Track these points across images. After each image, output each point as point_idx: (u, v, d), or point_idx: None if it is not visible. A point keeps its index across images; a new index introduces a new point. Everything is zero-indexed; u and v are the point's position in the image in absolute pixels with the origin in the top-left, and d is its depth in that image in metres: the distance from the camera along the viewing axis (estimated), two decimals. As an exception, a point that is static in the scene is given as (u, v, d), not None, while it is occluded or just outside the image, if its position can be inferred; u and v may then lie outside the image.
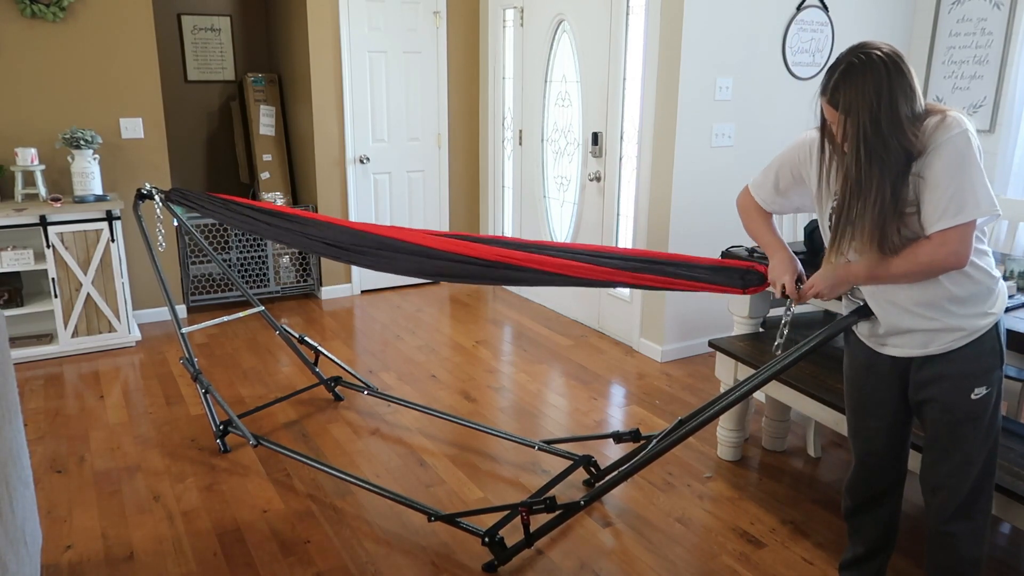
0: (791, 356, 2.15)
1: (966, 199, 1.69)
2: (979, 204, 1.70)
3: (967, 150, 1.68)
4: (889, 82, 1.67)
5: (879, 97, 1.67)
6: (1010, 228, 3.22)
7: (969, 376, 1.84)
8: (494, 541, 2.39)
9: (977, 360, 1.84)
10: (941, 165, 1.69)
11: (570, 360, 4.20)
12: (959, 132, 1.68)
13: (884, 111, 1.68)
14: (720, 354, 3.01)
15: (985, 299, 1.82)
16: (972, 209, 1.70)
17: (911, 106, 1.70)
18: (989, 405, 1.85)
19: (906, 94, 1.69)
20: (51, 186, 4.29)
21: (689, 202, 3.99)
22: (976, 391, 1.84)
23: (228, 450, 3.12)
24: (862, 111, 1.69)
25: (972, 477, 1.88)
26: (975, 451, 1.87)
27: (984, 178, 1.70)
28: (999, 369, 1.86)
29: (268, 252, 5.17)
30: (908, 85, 1.70)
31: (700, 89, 3.85)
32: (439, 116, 5.50)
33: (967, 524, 1.92)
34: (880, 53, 1.70)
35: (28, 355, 4.10)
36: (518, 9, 5.03)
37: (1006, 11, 3.96)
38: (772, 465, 3.08)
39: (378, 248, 2.54)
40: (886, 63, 1.68)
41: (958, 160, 1.68)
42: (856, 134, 1.70)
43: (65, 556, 2.46)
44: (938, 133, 1.69)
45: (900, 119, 1.68)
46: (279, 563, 2.42)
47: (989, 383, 1.84)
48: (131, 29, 4.35)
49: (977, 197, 1.69)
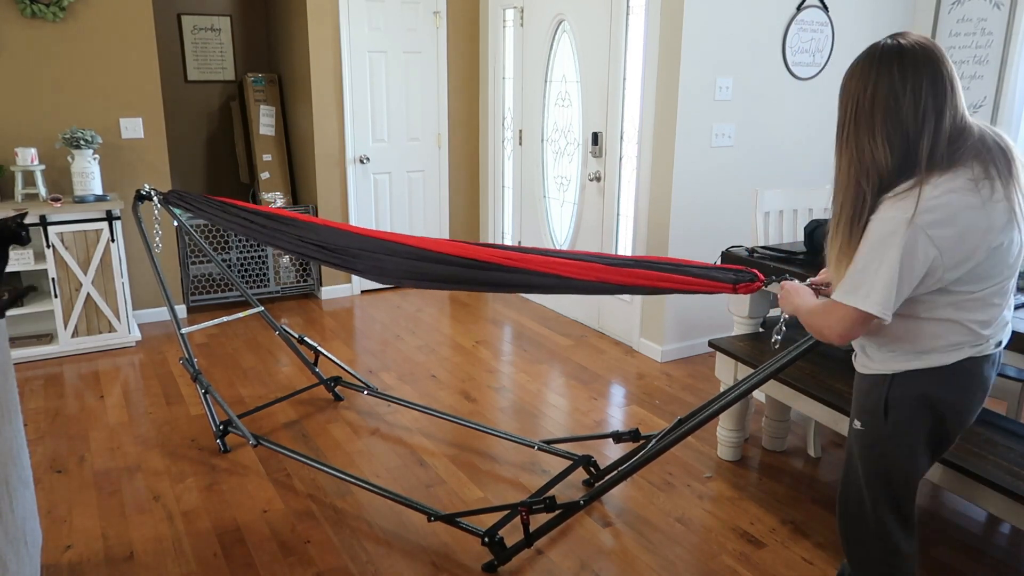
0: (788, 355, 2.15)
1: (865, 284, 1.56)
2: (870, 298, 1.55)
3: (893, 238, 1.50)
4: (878, 76, 1.54)
5: (863, 90, 1.56)
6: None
7: (857, 403, 1.80)
8: (494, 541, 2.39)
9: (864, 394, 1.76)
10: (869, 233, 1.56)
11: (570, 360, 4.20)
12: (902, 218, 1.50)
13: (863, 107, 1.55)
14: (720, 354, 3.01)
15: (887, 349, 1.69)
16: (864, 299, 1.56)
17: (897, 115, 1.52)
18: (863, 444, 1.77)
19: (895, 98, 1.52)
20: (51, 186, 4.29)
21: (689, 202, 3.99)
22: (855, 422, 1.79)
23: (228, 450, 3.12)
24: (847, 101, 1.60)
25: (843, 502, 1.86)
26: (847, 478, 1.84)
27: (893, 279, 1.52)
28: (881, 421, 1.71)
29: (268, 252, 5.17)
30: (903, 87, 1.51)
31: (700, 89, 3.85)
32: (439, 116, 5.50)
33: (849, 548, 1.89)
34: (895, 43, 1.54)
35: (28, 355, 4.10)
36: (518, 9, 5.03)
37: (1006, 11, 3.96)
38: (772, 465, 3.08)
39: (372, 251, 2.51)
40: (889, 54, 1.53)
41: (882, 241, 1.53)
42: (839, 126, 1.62)
43: (65, 556, 2.46)
44: (894, 199, 1.53)
45: (875, 124, 1.54)
46: (279, 563, 2.42)
47: (864, 423, 1.76)
48: (131, 29, 4.35)
49: (876, 291, 1.54)
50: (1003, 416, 2.38)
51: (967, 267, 1.55)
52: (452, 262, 2.38)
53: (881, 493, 1.77)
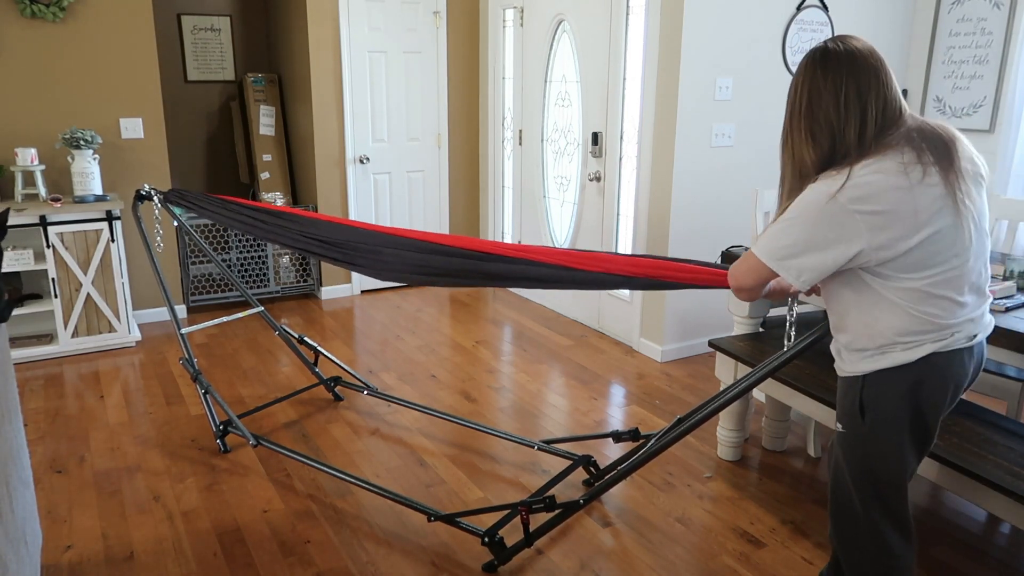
0: (785, 354, 2.15)
1: (767, 235, 1.69)
2: (762, 247, 1.68)
3: (813, 207, 1.60)
4: (806, 81, 1.66)
5: (796, 93, 1.68)
6: (1010, 228, 3.22)
7: (838, 406, 1.83)
8: (494, 541, 2.39)
9: (841, 397, 1.81)
10: (794, 203, 1.65)
11: (570, 360, 4.20)
12: (825, 191, 1.58)
13: (795, 110, 1.67)
14: (720, 354, 3.01)
15: (855, 351, 1.73)
16: (759, 247, 1.69)
17: (822, 117, 1.63)
18: (845, 446, 1.80)
19: (816, 98, 1.63)
20: (51, 186, 4.29)
21: (689, 202, 3.99)
22: (837, 424, 1.83)
23: (228, 450, 3.12)
24: (787, 104, 1.72)
25: (834, 502, 1.88)
26: (835, 480, 1.86)
27: (797, 239, 1.62)
28: (859, 423, 1.74)
29: (268, 252, 5.17)
30: (824, 91, 1.62)
31: (700, 89, 3.85)
32: (439, 116, 5.50)
33: (843, 551, 1.90)
34: (823, 47, 1.66)
35: (28, 355, 4.10)
36: (518, 9, 5.03)
37: (1006, 11, 3.96)
38: (772, 465, 3.08)
39: (373, 245, 2.51)
40: (814, 61, 1.65)
41: (801, 207, 1.63)
42: (783, 127, 1.73)
43: (65, 556, 2.46)
44: (822, 178, 1.62)
45: (803, 126, 1.65)
46: (279, 563, 2.42)
47: (845, 425, 1.79)
48: (131, 29, 4.35)
49: (772, 242, 1.66)
50: (1003, 416, 2.37)
51: (898, 249, 1.58)
52: (454, 253, 2.38)
53: (870, 493, 1.78)
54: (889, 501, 1.78)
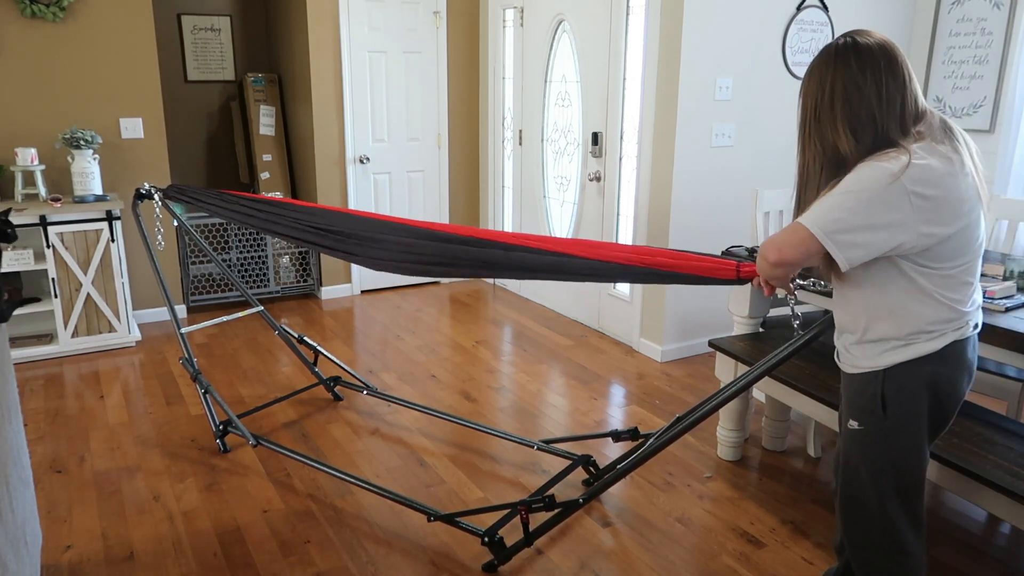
0: (783, 352, 2.15)
1: (818, 207, 1.61)
2: (815, 219, 1.59)
3: (875, 185, 1.54)
4: (835, 74, 1.62)
5: (822, 87, 1.64)
6: (1010, 228, 3.22)
7: (848, 404, 1.81)
8: (493, 540, 2.39)
9: (855, 394, 1.77)
10: (848, 176, 1.60)
11: (570, 360, 4.20)
12: (888, 170, 1.54)
13: (823, 103, 1.63)
14: (720, 354, 3.01)
15: (875, 344, 1.71)
16: (809, 216, 1.60)
17: (855, 109, 1.60)
18: (864, 443, 1.77)
19: (853, 93, 1.60)
20: (51, 186, 4.29)
21: (689, 202, 3.99)
22: (850, 423, 1.79)
23: (228, 450, 3.12)
24: (809, 98, 1.67)
25: (851, 501, 1.86)
26: (851, 478, 1.84)
27: (851, 212, 1.56)
28: (880, 418, 1.73)
29: (268, 252, 5.17)
30: (860, 83, 1.59)
31: (700, 89, 3.85)
32: (439, 116, 5.50)
33: (856, 552, 1.89)
34: (848, 41, 1.63)
35: (28, 355, 4.10)
36: (518, 9, 5.03)
37: (1006, 11, 3.96)
38: (772, 465, 3.08)
39: (370, 232, 2.51)
40: (845, 52, 1.61)
41: (859, 181, 1.57)
42: (801, 121, 1.69)
43: (65, 556, 2.46)
44: (879, 156, 1.58)
45: (837, 117, 1.61)
46: (279, 563, 2.42)
47: (862, 422, 1.76)
48: (131, 29, 4.35)
49: (824, 213, 1.58)
50: (1003, 416, 2.37)
51: (940, 236, 1.58)
52: (451, 239, 2.37)
53: (890, 490, 1.78)
54: (909, 496, 1.78)
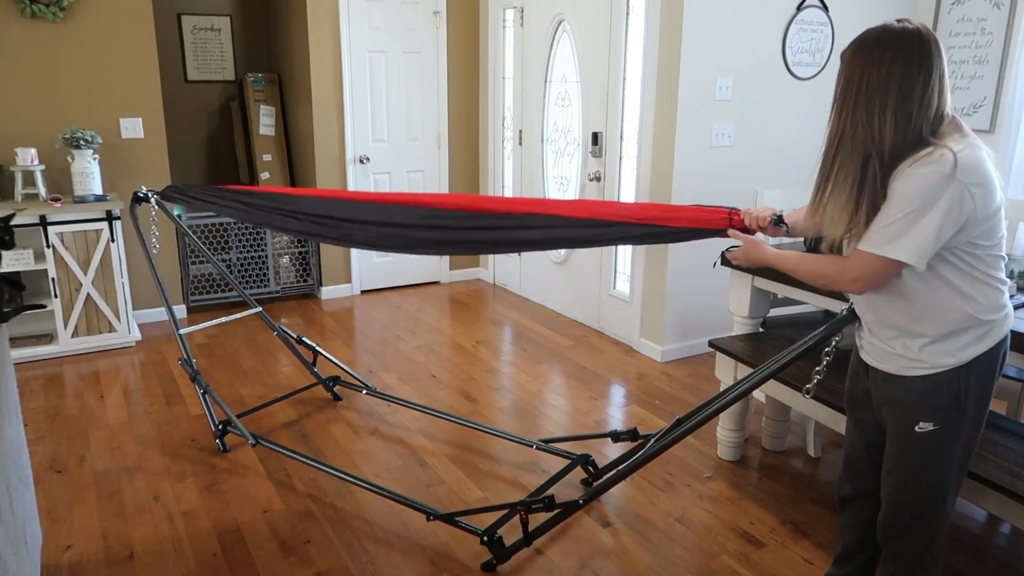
0: (787, 356, 2.15)
1: (902, 235, 1.62)
2: (906, 248, 1.61)
3: (938, 192, 1.57)
4: (894, 58, 1.60)
5: (878, 66, 1.62)
6: (1010, 228, 3.22)
7: (916, 407, 1.78)
8: (493, 540, 2.39)
9: (928, 395, 1.76)
10: (905, 190, 1.60)
11: (570, 360, 4.20)
12: (943, 173, 1.57)
13: (878, 83, 1.61)
14: (720, 354, 3.01)
15: (956, 338, 1.72)
16: (899, 249, 1.62)
17: (907, 96, 1.60)
18: (939, 444, 1.77)
19: (908, 80, 1.60)
20: (51, 186, 4.29)
21: (689, 202, 3.99)
22: (921, 425, 1.77)
23: (227, 450, 3.12)
24: (857, 73, 1.65)
25: (907, 506, 1.85)
26: (912, 482, 1.83)
27: (935, 229, 1.59)
28: (959, 414, 1.74)
29: (268, 252, 5.17)
30: (915, 72, 1.60)
31: (700, 89, 3.85)
32: (439, 116, 5.50)
33: (903, 548, 1.90)
34: (908, 27, 1.62)
35: (28, 355, 4.10)
36: (518, 9, 5.03)
37: (1006, 11, 3.96)
38: (772, 465, 3.08)
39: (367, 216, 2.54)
40: (905, 38, 1.61)
41: (924, 196, 1.58)
42: (844, 94, 1.68)
43: (65, 556, 2.46)
44: (923, 160, 1.59)
45: (887, 101, 1.61)
46: (279, 563, 2.42)
47: (939, 422, 1.75)
48: (131, 29, 4.35)
49: (913, 241, 1.61)
50: (1003, 416, 2.38)
51: (993, 221, 1.65)
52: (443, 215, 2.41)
53: (956, 484, 1.82)
54: (960, 484, 1.84)
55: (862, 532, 2.09)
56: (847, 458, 2.09)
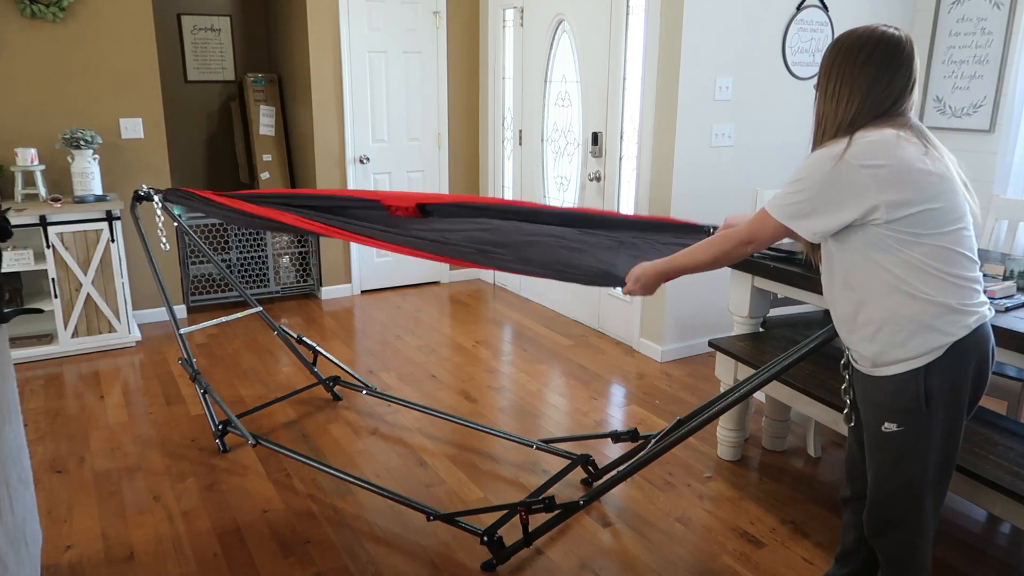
0: (789, 359, 2.15)
1: (781, 195, 1.77)
2: (775, 203, 1.77)
3: (821, 167, 1.69)
4: (843, 55, 1.73)
5: (856, 56, 1.72)
6: (1010, 228, 3.22)
7: (882, 407, 1.78)
8: (493, 540, 2.39)
9: (891, 396, 1.75)
10: (802, 165, 1.74)
11: (570, 360, 4.20)
12: (828, 152, 1.69)
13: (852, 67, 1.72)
14: (720, 354, 3.01)
15: (906, 335, 1.70)
16: (771, 203, 1.79)
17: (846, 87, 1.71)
18: (905, 445, 1.76)
19: (848, 73, 1.71)
20: (51, 186, 4.29)
21: (689, 202, 3.99)
22: (887, 425, 1.77)
23: (227, 450, 3.12)
24: (841, 56, 1.75)
25: (883, 504, 1.85)
26: (885, 481, 1.83)
27: (808, 200, 1.71)
28: (925, 416, 1.73)
29: (268, 252, 5.17)
30: (856, 67, 1.70)
31: (700, 89, 3.85)
32: (439, 116, 5.50)
33: (886, 549, 1.90)
34: (895, 35, 1.72)
35: (28, 355, 4.10)
36: (518, 9, 5.03)
37: (1006, 11, 3.96)
38: (772, 465, 3.08)
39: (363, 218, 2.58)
40: (858, 39, 1.72)
41: (807, 166, 1.72)
42: (825, 71, 1.78)
43: (65, 556, 2.46)
44: (827, 143, 1.72)
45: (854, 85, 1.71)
46: (279, 563, 2.42)
47: (902, 423, 1.74)
48: (131, 29, 4.35)
49: (782, 198, 1.76)
50: (1003, 416, 2.38)
51: (914, 204, 1.64)
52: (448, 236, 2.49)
53: (940, 481, 1.80)
54: (944, 487, 1.82)
55: (859, 532, 2.10)
56: (847, 459, 2.10)
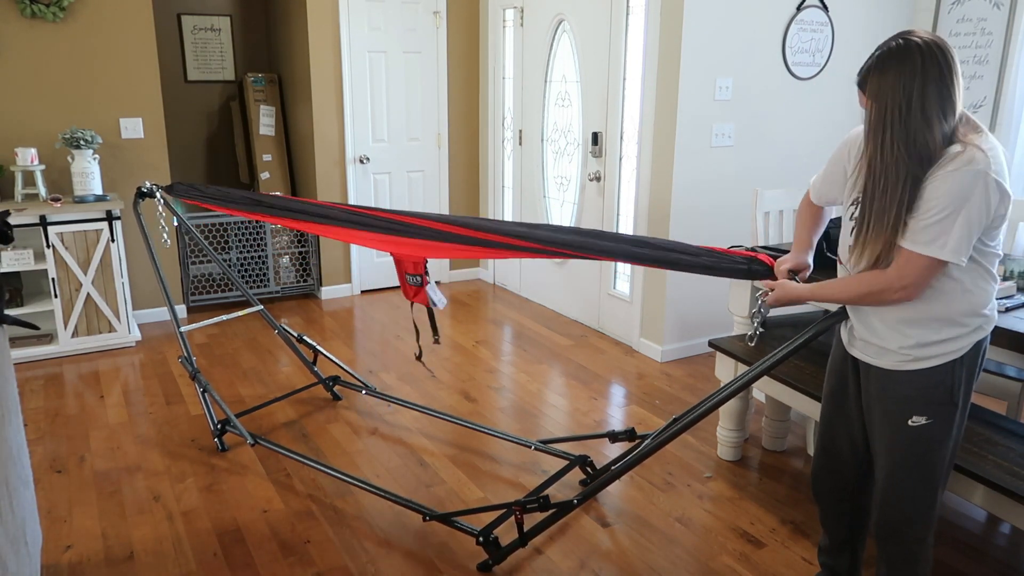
0: (781, 352, 2.15)
1: (944, 234, 1.63)
2: (946, 246, 1.63)
3: (973, 191, 1.60)
4: (923, 72, 1.60)
5: (909, 86, 1.61)
6: (1010, 228, 3.21)
7: (910, 401, 1.78)
8: (488, 540, 2.40)
9: (923, 389, 1.77)
10: (944, 191, 1.61)
11: (570, 360, 4.20)
12: (975, 171, 1.59)
13: (914, 101, 1.61)
14: (720, 354, 3.01)
15: (953, 332, 1.73)
16: (942, 248, 1.64)
17: (943, 105, 1.62)
18: (931, 437, 1.78)
19: (940, 89, 1.61)
20: (51, 186, 4.29)
21: (689, 202, 3.99)
22: (915, 419, 1.78)
23: (226, 449, 3.12)
24: (890, 98, 1.63)
25: (902, 503, 1.85)
26: (907, 478, 1.83)
27: (972, 226, 1.62)
28: (952, 408, 1.77)
29: (268, 252, 5.17)
30: (944, 80, 1.61)
31: (700, 89, 3.85)
32: (439, 116, 5.50)
33: (898, 549, 1.90)
34: (919, 40, 1.62)
35: (28, 355, 4.10)
36: (518, 9, 5.03)
37: (1006, 11, 3.96)
38: (772, 465, 3.08)
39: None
40: (923, 51, 1.61)
41: (962, 194, 1.60)
42: (881, 122, 1.65)
43: (65, 556, 2.46)
44: (956, 161, 1.61)
45: (929, 114, 1.61)
46: (279, 563, 2.42)
47: (932, 415, 1.77)
48: (131, 29, 4.35)
49: (953, 239, 1.63)
50: (1003, 416, 2.37)
51: (1004, 216, 1.69)
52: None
53: (945, 479, 1.83)
54: (946, 485, 1.86)
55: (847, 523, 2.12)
56: (824, 451, 2.09)
